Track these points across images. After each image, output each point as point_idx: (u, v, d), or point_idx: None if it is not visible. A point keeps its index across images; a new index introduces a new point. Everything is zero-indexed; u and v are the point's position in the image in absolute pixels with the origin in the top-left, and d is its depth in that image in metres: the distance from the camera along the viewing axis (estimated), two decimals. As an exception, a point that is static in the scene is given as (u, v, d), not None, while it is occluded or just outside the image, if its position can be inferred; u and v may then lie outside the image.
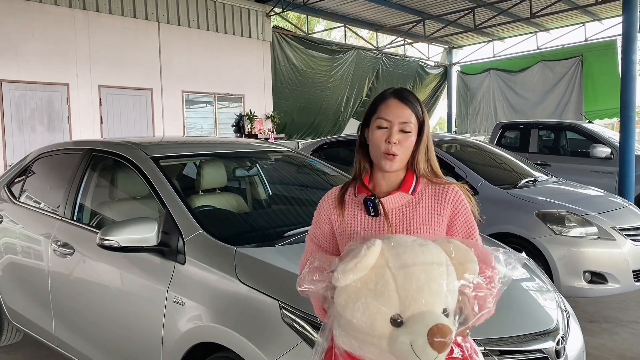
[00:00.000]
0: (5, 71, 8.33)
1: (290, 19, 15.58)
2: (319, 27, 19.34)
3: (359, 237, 1.42)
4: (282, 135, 12.92)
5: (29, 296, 3.41)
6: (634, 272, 4.29)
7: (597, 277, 4.26)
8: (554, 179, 5.54)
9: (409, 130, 1.55)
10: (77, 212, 3.18)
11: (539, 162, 7.51)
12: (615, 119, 14.85)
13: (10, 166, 6.56)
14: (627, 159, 7.14)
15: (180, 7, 10.67)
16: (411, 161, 1.59)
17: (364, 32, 16.92)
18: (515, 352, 2.12)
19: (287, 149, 3.92)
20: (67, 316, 3.08)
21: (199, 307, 2.25)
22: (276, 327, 2.00)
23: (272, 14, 12.60)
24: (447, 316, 1.24)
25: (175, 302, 2.32)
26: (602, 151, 7.67)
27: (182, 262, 2.36)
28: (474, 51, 18.12)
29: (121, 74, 9.71)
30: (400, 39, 16.31)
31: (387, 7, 13.51)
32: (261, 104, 12.27)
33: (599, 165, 7.72)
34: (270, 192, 3.84)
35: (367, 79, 15.90)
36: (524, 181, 5.12)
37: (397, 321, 1.21)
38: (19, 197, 3.75)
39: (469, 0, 12.96)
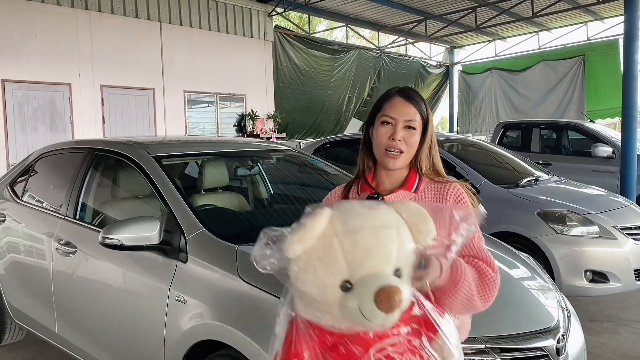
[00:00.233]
0: (7, 71, 8.36)
1: (291, 19, 15.59)
2: (321, 27, 19.36)
3: (312, 206, 1.38)
4: (284, 134, 12.93)
5: (31, 295, 3.42)
6: (635, 271, 4.29)
7: (599, 276, 4.26)
8: (556, 178, 5.54)
9: (414, 127, 1.56)
10: (79, 211, 3.19)
11: (540, 162, 7.50)
12: (617, 119, 14.83)
13: (13, 166, 6.59)
14: (629, 159, 7.14)
15: (182, 7, 10.70)
16: (414, 160, 1.60)
17: (365, 32, 16.94)
18: (516, 349, 2.12)
19: (288, 149, 3.93)
20: (69, 314, 3.09)
21: (200, 305, 2.26)
22: (278, 325, 2.01)
23: (274, 13, 12.62)
24: (399, 277, 1.23)
25: (177, 300, 2.32)
26: (604, 150, 7.66)
27: (184, 261, 2.37)
28: (476, 51, 18.12)
29: (123, 74, 9.74)
30: (401, 39, 16.32)
31: (389, 6, 13.52)
32: (263, 103, 12.29)
33: (600, 164, 7.72)
34: (271, 192, 3.85)
35: (368, 78, 15.91)
36: (525, 180, 5.11)
37: (346, 287, 1.21)
38: (22, 196, 3.76)
39: (470, -1, 12.99)
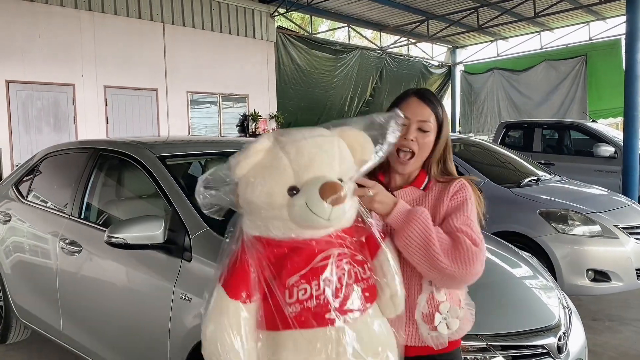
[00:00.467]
0: (11, 72, 8.41)
1: (294, 19, 15.62)
2: (323, 27, 19.36)
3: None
4: (286, 135, 12.94)
5: (36, 294, 3.45)
6: (637, 270, 4.30)
7: (600, 276, 4.27)
8: (558, 177, 5.55)
9: (427, 129, 1.57)
10: (84, 211, 3.21)
11: (542, 162, 7.51)
12: (619, 119, 14.80)
13: (17, 166, 6.62)
14: (631, 158, 7.16)
15: (185, 7, 10.73)
16: (426, 161, 1.62)
17: (367, 32, 16.95)
18: (517, 347, 2.15)
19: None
20: (74, 313, 3.11)
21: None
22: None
23: (276, 14, 12.64)
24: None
25: (182, 299, 2.35)
26: (606, 150, 7.66)
27: (189, 259, 2.39)
28: (478, 51, 18.11)
29: (126, 75, 9.78)
30: (403, 39, 16.32)
31: (391, 7, 13.53)
32: (265, 104, 12.32)
33: (602, 164, 7.72)
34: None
35: (370, 78, 15.92)
36: (527, 180, 5.13)
37: (292, 193, 1.30)
38: (27, 196, 3.79)
39: (472, 0, 12.97)
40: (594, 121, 9.89)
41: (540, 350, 2.19)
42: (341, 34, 18.64)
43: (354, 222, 1.41)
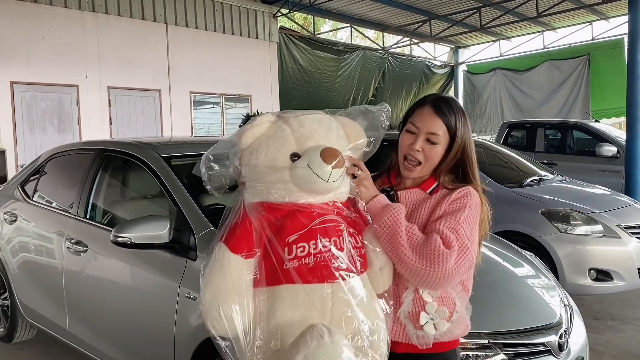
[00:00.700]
0: (16, 73, 8.45)
1: (296, 20, 15.65)
2: (325, 28, 19.38)
3: None
4: (289, 135, 12.96)
5: (43, 293, 3.48)
6: (639, 269, 4.31)
7: (603, 275, 4.28)
8: (560, 177, 5.56)
9: (436, 141, 1.56)
10: (89, 211, 3.24)
11: (545, 161, 7.51)
12: (622, 118, 14.78)
13: (22, 167, 6.66)
14: (634, 158, 7.15)
15: (187, 8, 10.76)
16: (436, 168, 1.61)
17: (370, 32, 16.96)
18: (519, 345, 2.17)
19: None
20: (80, 312, 3.14)
21: (210, 301, 2.30)
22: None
23: (279, 15, 12.67)
24: None
25: (187, 297, 2.37)
26: (609, 150, 7.66)
27: (194, 259, 2.41)
28: (480, 51, 18.11)
29: (130, 76, 9.82)
30: (406, 39, 16.32)
31: (393, 7, 13.54)
32: (268, 104, 12.34)
33: (605, 164, 7.72)
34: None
35: (373, 79, 15.93)
36: (529, 180, 5.14)
37: (295, 158, 1.42)
38: (33, 197, 3.83)
39: (475, 0, 12.98)
40: (596, 121, 9.89)
41: (541, 347, 2.21)
42: (343, 34, 18.65)
43: (347, 202, 1.54)
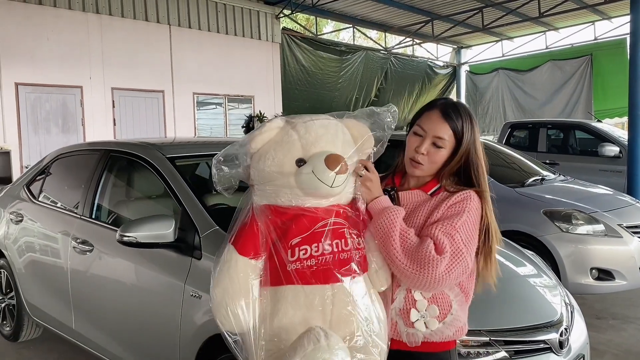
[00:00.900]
0: (21, 74, 8.50)
1: (299, 21, 15.68)
2: (328, 28, 19.42)
3: None
4: (292, 135, 12.98)
5: (49, 292, 3.51)
6: (640, 269, 4.33)
7: (604, 274, 4.29)
8: (562, 177, 5.57)
9: (441, 145, 1.58)
10: (95, 211, 3.27)
11: (548, 161, 7.52)
12: (625, 118, 14.77)
13: (27, 167, 6.70)
14: (636, 158, 7.16)
15: (190, 9, 10.81)
16: (439, 171, 1.62)
17: (372, 33, 16.98)
18: (520, 342, 2.19)
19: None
20: (86, 311, 3.17)
21: (215, 300, 2.33)
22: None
23: (281, 15, 12.70)
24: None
25: (192, 296, 2.40)
26: (611, 150, 7.67)
27: (199, 258, 2.44)
28: (483, 51, 18.11)
29: (133, 76, 9.86)
30: (408, 39, 16.34)
31: (396, 7, 13.56)
32: (271, 104, 12.38)
33: (607, 164, 7.72)
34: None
35: (375, 79, 15.95)
36: (531, 180, 5.15)
37: (300, 163, 1.48)
38: (38, 197, 3.86)
39: (477, 0, 12.98)
40: (598, 121, 9.89)
41: (542, 345, 2.23)
42: (346, 35, 18.69)
43: (352, 202, 1.58)
